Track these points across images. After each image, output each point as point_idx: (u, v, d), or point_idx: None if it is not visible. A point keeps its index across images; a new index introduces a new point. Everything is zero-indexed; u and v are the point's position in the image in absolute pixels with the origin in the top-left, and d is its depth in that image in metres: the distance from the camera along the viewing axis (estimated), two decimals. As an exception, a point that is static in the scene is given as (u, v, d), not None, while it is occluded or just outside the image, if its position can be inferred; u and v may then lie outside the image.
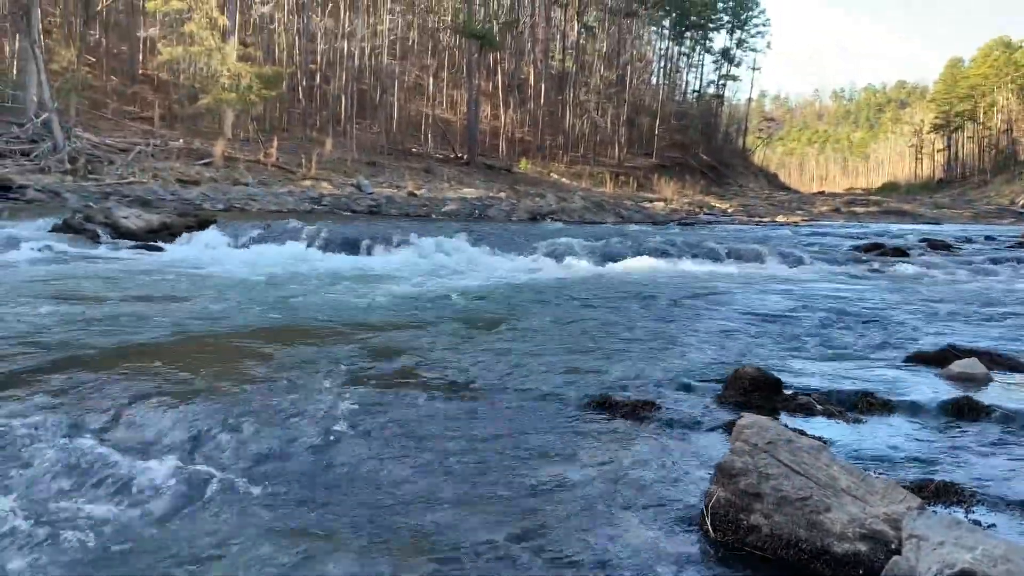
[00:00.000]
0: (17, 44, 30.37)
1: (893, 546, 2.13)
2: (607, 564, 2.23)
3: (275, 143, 32.29)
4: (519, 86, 58.48)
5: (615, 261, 11.19)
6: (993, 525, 2.51)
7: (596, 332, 5.75)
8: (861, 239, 18.42)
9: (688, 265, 11.20)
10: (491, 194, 32.27)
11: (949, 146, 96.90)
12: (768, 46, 79.90)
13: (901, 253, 14.05)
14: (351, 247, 11.20)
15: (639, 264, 11.06)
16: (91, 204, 14.87)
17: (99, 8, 37.55)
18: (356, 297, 7.07)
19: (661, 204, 36.81)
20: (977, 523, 2.46)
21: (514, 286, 8.31)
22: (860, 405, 3.86)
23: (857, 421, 3.66)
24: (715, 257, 12.11)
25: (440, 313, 6.40)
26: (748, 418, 2.64)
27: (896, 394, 4.04)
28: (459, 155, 45.60)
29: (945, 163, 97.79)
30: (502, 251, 11.53)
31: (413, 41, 53.58)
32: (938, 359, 4.84)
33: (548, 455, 3.06)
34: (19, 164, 21.83)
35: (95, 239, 10.73)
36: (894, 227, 27.21)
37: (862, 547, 2.18)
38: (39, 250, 9.28)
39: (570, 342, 5.32)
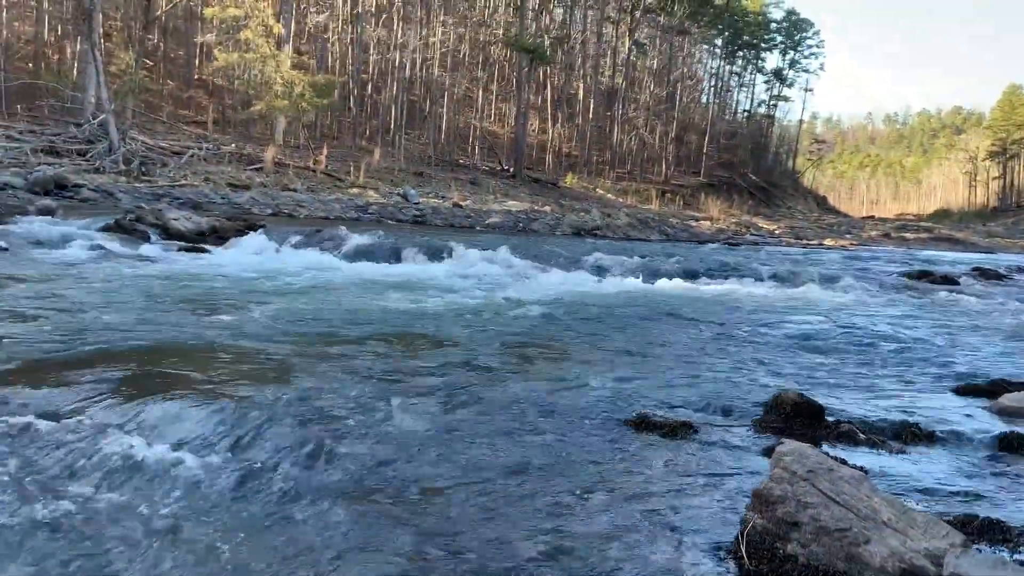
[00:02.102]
0: (78, 47, 31.13)
1: (934, 583, 2.07)
2: (638, 587, 2.19)
3: (325, 150, 32.65)
4: (568, 101, 58.55)
5: (657, 279, 11.11)
6: (1040, 566, 2.43)
7: (636, 350, 5.70)
8: (910, 265, 18.10)
9: (731, 286, 11.08)
10: (536, 208, 32.26)
11: (1005, 174, 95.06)
12: (821, 68, 79.36)
13: (951, 281, 13.76)
14: (395, 256, 11.27)
15: (681, 284, 10.97)
16: (143, 205, 15.14)
17: (158, 14, 38.31)
18: (399, 307, 7.11)
19: (707, 223, 36.52)
20: None
21: (554, 301, 8.29)
22: (904, 436, 3.78)
23: (901, 452, 3.58)
24: (759, 279, 11.97)
25: (480, 326, 6.40)
26: (788, 444, 2.60)
27: (942, 425, 3.95)
28: (506, 168, 45.70)
29: (1000, 191, 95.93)
30: (544, 265, 11.51)
31: (464, 54, 53.90)
32: (988, 391, 4.73)
33: (583, 473, 3.04)
34: (75, 163, 22.31)
35: (145, 239, 10.91)
36: (945, 255, 26.70)
37: (902, 582, 2.13)
38: (90, 248, 9.45)
39: (609, 360, 5.29)
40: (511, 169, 44.91)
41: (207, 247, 10.94)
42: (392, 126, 44.00)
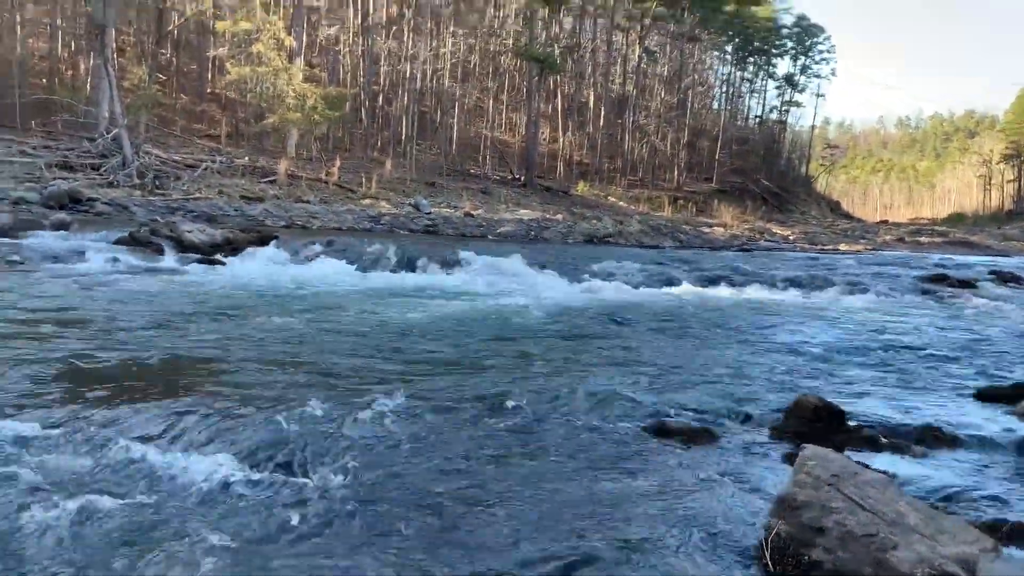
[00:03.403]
0: (92, 62, 31.36)
1: (965, 589, 2.03)
2: (662, 595, 2.16)
3: (337, 162, 32.73)
4: (579, 109, 58.58)
5: (672, 286, 11.06)
6: (1071, 571, 2.38)
7: (653, 357, 5.66)
8: (926, 270, 17.98)
9: (747, 292, 11.02)
10: (548, 216, 32.22)
11: (1019, 177, 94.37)
12: (833, 73, 78.79)
13: (968, 285, 13.64)
14: (408, 266, 11.25)
15: (695, 290, 10.92)
16: (157, 218, 15.19)
17: (170, 28, 38.59)
18: (414, 316, 7.09)
19: (720, 229, 36.40)
20: (1054, 568, 2.33)
21: (569, 309, 8.26)
22: (927, 440, 3.73)
23: (924, 456, 3.53)
24: (775, 285, 11.90)
25: (496, 334, 6.37)
26: (811, 449, 2.56)
27: (965, 429, 3.90)
28: (517, 177, 45.70)
29: (1015, 194, 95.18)
30: (557, 273, 11.47)
31: (474, 64, 54.03)
32: (1009, 395, 4.67)
33: (603, 481, 3.01)
34: (89, 178, 22.43)
35: (159, 252, 10.93)
36: (960, 258, 26.50)
37: (931, 588, 2.08)
38: (106, 261, 9.49)
39: (626, 367, 5.25)
40: (522, 178, 44.91)
41: (221, 259, 10.95)
42: (403, 137, 44.08)
